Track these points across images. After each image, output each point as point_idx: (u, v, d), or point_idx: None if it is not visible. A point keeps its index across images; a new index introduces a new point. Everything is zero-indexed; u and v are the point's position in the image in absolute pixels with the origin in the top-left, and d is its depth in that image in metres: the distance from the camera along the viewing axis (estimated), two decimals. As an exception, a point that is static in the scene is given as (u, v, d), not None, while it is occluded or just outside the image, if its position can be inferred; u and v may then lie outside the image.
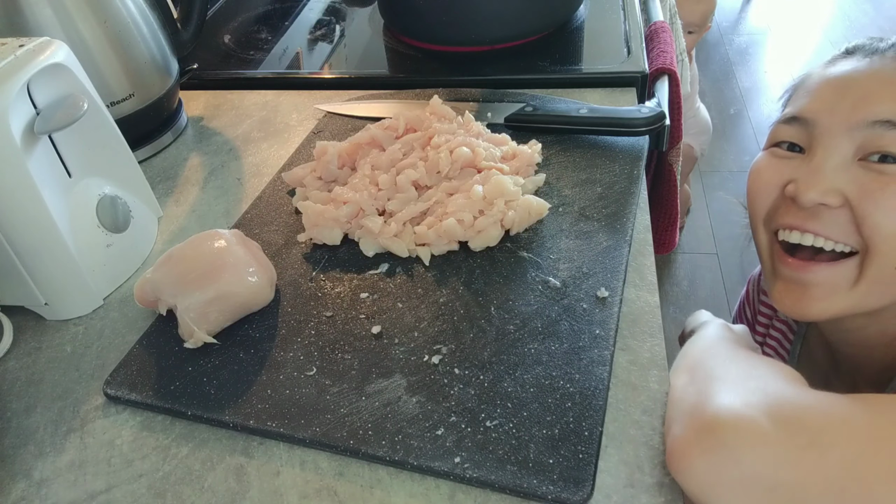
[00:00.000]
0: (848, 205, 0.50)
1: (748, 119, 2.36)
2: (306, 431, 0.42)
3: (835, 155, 0.51)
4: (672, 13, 1.18)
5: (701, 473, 0.36)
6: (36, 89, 0.51)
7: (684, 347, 0.51)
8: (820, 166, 0.51)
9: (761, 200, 0.57)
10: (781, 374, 0.42)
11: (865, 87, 0.51)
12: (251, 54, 0.91)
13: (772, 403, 0.38)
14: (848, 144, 0.51)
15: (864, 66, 0.53)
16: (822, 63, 0.58)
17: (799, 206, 0.53)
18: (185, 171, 0.71)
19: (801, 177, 0.52)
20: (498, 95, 0.72)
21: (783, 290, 0.56)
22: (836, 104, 0.52)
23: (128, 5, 0.67)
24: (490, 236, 0.54)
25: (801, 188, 0.52)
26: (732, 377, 0.41)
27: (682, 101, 0.80)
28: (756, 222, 0.59)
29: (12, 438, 0.46)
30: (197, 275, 0.48)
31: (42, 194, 0.49)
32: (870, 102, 0.50)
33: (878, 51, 0.53)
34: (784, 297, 0.56)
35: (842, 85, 0.53)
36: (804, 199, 0.51)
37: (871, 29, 2.82)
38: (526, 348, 0.45)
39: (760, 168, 0.58)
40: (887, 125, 0.49)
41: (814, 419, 0.37)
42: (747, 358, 0.45)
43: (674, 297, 1.75)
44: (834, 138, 0.51)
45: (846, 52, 0.57)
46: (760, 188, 0.57)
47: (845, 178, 0.50)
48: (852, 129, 0.50)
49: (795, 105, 0.56)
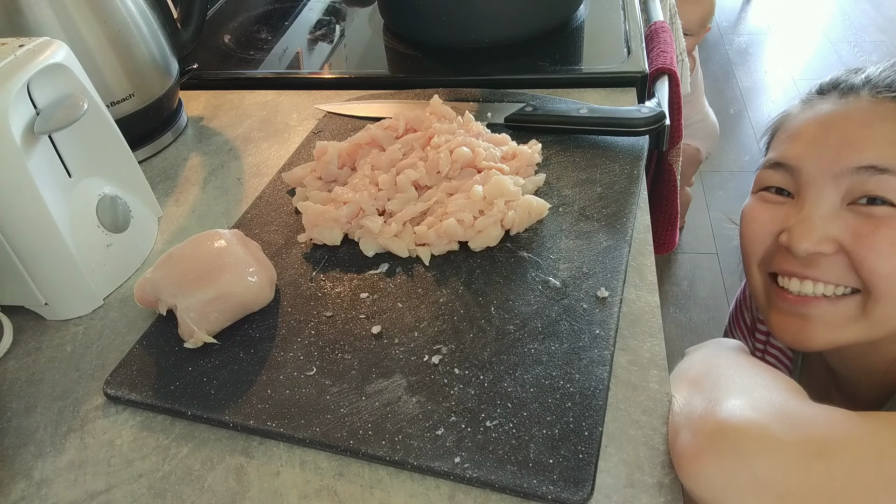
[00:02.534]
0: (843, 250, 0.51)
1: (748, 119, 2.36)
2: (306, 431, 0.42)
3: (823, 202, 0.51)
4: (672, 13, 1.18)
5: (712, 478, 0.36)
6: (36, 89, 0.51)
7: (686, 359, 0.51)
8: (810, 215, 0.52)
9: (756, 247, 0.58)
10: (785, 386, 0.42)
11: (846, 133, 0.51)
12: (251, 54, 0.91)
13: (779, 412, 0.38)
14: (835, 191, 0.51)
15: (842, 109, 0.53)
16: (799, 102, 0.59)
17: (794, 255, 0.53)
18: (185, 171, 0.71)
19: (793, 227, 0.53)
20: (498, 95, 0.72)
21: (783, 323, 0.56)
22: (819, 151, 0.52)
23: (128, 5, 0.67)
24: (490, 236, 0.54)
25: (795, 238, 0.52)
26: (740, 386, 0.41)
27: (682, 102, 0.80)
28: (750, 265, 0.59)
29: (12, 438, 0.46)
30: (197, 275, 0.48)
31: (42, 194, 0.49)
32: (852, 149, 0.50)
33: (853, 88, 0.53)
34: (784, 330, 0.56)
35: (822, 130, 0.53)
36: (798, 249, 0.51)
37: (871, 29, 2.82)
38: (526, 348, 0.45)
39: (752, 214, 0.58)
40: (872, 170, 0.49)
41: (820, 429, 0.37)
42: (752, 367, 0.45)
43: (674, 297, 1.75)
44: (820, 185, 0.52)
45: (821, 90, 0.57)
46: (754, 235, 0.57)
47: (836, 224, 0.51)
48: (837, 177, 0.51)
49: (778, 150, 0.56)
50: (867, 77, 0.54)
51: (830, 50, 2.71)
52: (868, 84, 0.53)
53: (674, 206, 0.87)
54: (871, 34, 2.80)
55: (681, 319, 1.70)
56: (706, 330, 1.66)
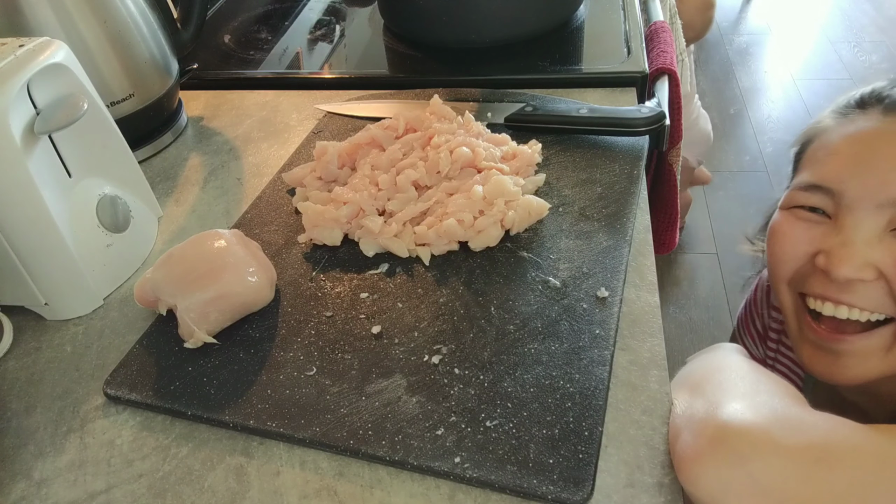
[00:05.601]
0: (883, 277, 0.49)
1: (748, 119, 2.36)
2: (306, 431, 0.42)
3: (865, 228, 0.49)
4: (672, 13, 1.18)
5: (712, 482, 0.36)
6: (36, 89, 0.51)
7: (688, 365, 0.51)
8: (851, 239, 0.50)
9: (787, 265, 0.55)
10: (787, 393, 0.42)
11: (892, 159, 0.49)
12: (251, 54, 0.91)
13: (780, 417, 0.38)
14: (878, 218, 0.49)
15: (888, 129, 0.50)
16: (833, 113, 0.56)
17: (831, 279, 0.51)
18: (185, 171, 0.71)
19: (832, 249, 0.50)
20: (498, 95, 0.72)
21: (814, 356, 0.55)
22: (863, 175, 0.50)
23: (128, 5, 0.67)
24: (490, 236, 0.54)
25: (835, 263, 0.50)
26: (741, 391, 0.41)
27: (682, 101, 0.80)
28: (779, 283, 0.57)
29: (12, 438, 0.46)
30: (197, 275, 0.48)
31: (42, 194, 0.49)
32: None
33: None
34: (815, 363, 0.55)
35: (867, 152, 0.50)
36: (838, 274, 0.50)
37: (871, 29, 2.82)
38: (526, 348, 0.45)
39: (784, 231, 0.55)
40: None
41: (821, 435, 0.37)
42: (754, 372, 0.45)
43: (674, 297, 1.75)
44: (863, 211, 0.50)
45: (861, 103, 0.54)
46: (786, 253, 0.55)
47: (878, 250, 0.49)
48: (882, 206, 0.49)
49: (815, 170, 0.53)
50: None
51: (830, 50, 2.71)
52: None
53: (674, 206, 0.87)
54: (871, 34, 2.79)
55: (681, 319, 1.70)
56: (706, 330, 1.66)
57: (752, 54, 2.76)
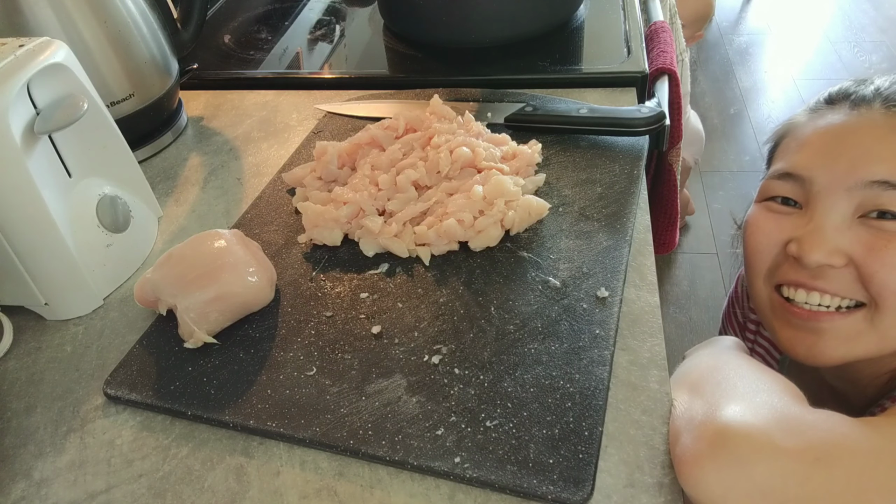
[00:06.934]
0: (852, 263, 0.50)
1: (748, 119, 2.36)
2: (306, 431, 0.42)
3: (834, 214, 0.51)
4: (672, 13, 1.18)
5: (712, 484, 0.36)
6: (36, 89, 0.51)
7: (686, 362, 0.51)
8: (821, 226, 0.51)
9: (762, 257, 0.57)
10: (786, 390, 0.42)
11: (860, 146, 0.51)
12: (251, 54, 0.91)
13: (780, 418, 0.38)
14: (847, 203, 0.51)
15: (855, 121, 0.52)
16: (805, 111, 0.58)
17: (803, 266, 0.52)
18: (185, 171, 0.71)
19: (803, 236, 0.52)
20: (498, 95, 0.72)
21: (794, 338, 0.55)
22: (831, 162, 0.52)
23: (128, 5, 0.67)
24: (490, 236, 0.54)
25: (805, 249, 0.51)
26: (741, 391, 0.41)
27: (682, 101, 0.80)
28: (755, 277, 0.58)
29: (12, 438, 0.46)
30: (197, 275, 0.48)
31: (42, 194, 0.49)
32: (866, 162, 0.50)
33: (864, 100, 0.53)
34: (796, 345, 0.55)
35: (835, 141, 0.53)
36: (809, 260, 0.51)
37: (871, 29, 2.82)
38: (526, 348, 0.45)
39: (758, 223, 0.57)
40: (885, 185, 0.49)
41: (819, 436, 0.37)
42: (753, 371, 0.45)
43: (674, 297, 1.75)
44: (832, 197, 0.51)
45: (830, 100, 0.56)
46: (760, 245, 0.57)
47: (847, 237, 0.50)
48: (850, 190, 0.50)
49: (787, 160, 0.56)
50: (877, 89, 0.53)
51: (830, 50, 2.71)
52: (880, 97, 0.53)
53: (674, 206, 0.87)
54: (871, 34, 2.79)
55: (681, 319, 1.70)
56: (706, 330, 1.66)
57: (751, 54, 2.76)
